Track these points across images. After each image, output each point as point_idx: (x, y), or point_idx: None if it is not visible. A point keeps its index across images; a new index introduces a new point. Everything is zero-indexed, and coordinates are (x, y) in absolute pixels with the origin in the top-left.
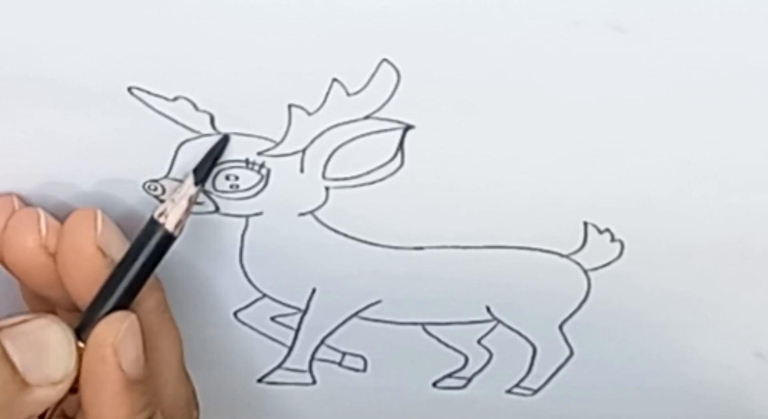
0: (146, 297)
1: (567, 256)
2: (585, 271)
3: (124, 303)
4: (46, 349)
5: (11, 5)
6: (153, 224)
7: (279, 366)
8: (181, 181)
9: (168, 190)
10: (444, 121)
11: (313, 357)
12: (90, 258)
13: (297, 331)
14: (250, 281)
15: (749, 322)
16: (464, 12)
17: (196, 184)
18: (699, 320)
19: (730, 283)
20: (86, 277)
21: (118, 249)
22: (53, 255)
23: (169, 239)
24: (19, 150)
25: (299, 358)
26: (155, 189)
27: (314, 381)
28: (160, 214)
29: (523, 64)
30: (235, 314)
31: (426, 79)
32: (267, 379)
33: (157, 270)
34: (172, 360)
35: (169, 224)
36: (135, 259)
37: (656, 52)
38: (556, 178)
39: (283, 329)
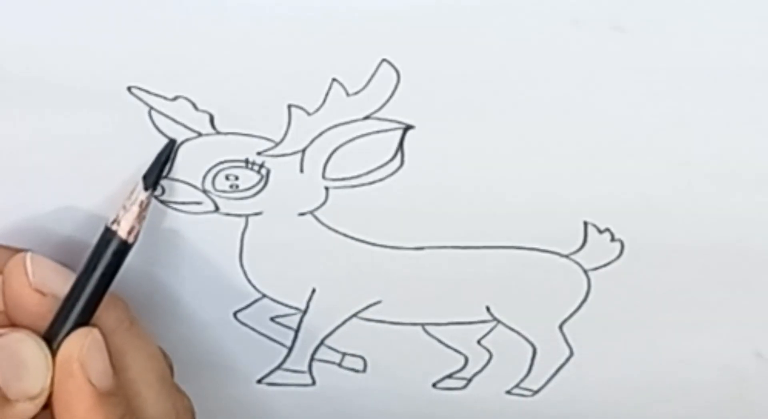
0: (104, 316)
1: (567, 256)
2: (585, 271)
3: (87, 317)
4: (24, 364)
5: (11, 5)
6: (107, 233)
7: (278, 367)
8: (181, 182)
9: (122, 198)
10: (444, 121)
11: (312, 358)
12: (30, 301)
13: (297, 332)
14: (249, 281)
15: (749, 322)
16: (464, 12)
17: (146, 189)
18: (699, 320)
19: (730, 283)
20: (35, 317)
21: (59, 282)
22: None
23: (124, 246)
24: (19, 150)
25: (299, 359)
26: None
27: (314, 382)
28: (113, 222)
29: (523, 64)
30: (234, 314)
31: (426, 79)
32: (266, 380)
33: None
34: (148, 377)
35: (122, 231)
36: (93, 270)
37: (656, 52)
38: (556, 177)
39: (283, 329)
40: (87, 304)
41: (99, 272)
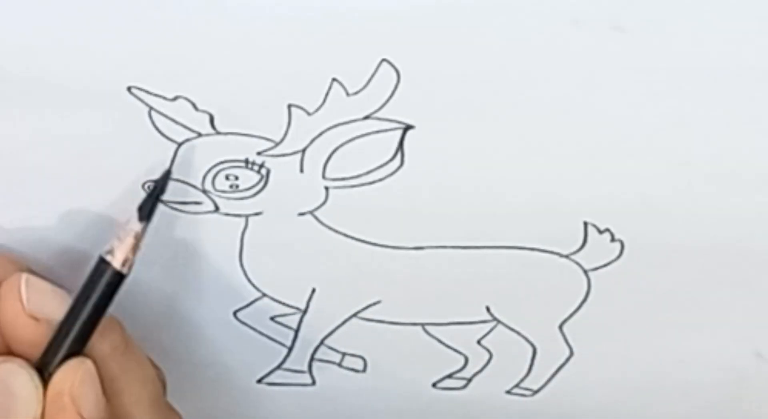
0: (99, 342)
1: (567, 256)
2: (585, 271)
3: (80, 345)
4: (15, 396)
5: (11, 5)
6: (102, 263)
7: (278, 367)
8: (181, 182)
9: (116, 228)
10: (444, 121)
11: (312, 358)
12: (25, 327)
13: (297, 331)
14: (249, 281)
15: (749, 322)
16: (464, 12)
17: (140, 220)
18: (699, 320)
19: (730, 283)
20: (29, 344)
21: (54, 307)
22: None
23: (118, 277)
24: (19, 150)
25: (299, 359)
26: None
27: (314, 382)
28: (107, 252)
29: (523, 64)
30: (234, 314)
31: (426, 79)
32: (266, 380)
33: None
34: (142, 400)
35: (116, 262)
36: (87, 300)
37: (656, 52)
38: (556, 177)
39: (283, 329)
40: (80, 333)
41: (93, 302)
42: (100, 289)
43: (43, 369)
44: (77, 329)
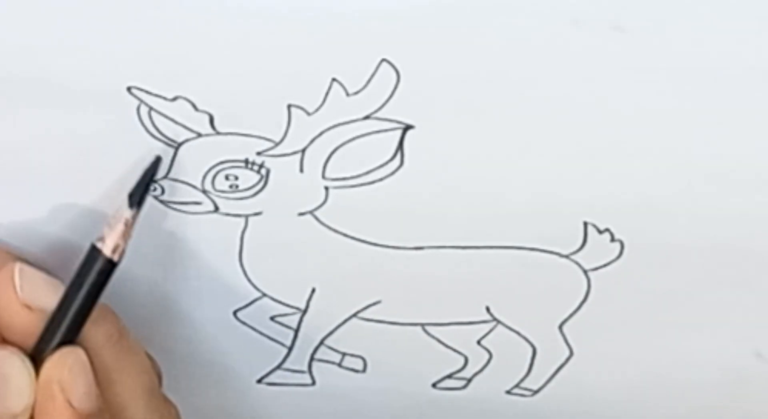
0: (93, 331)
1: (567, 256)
2: (585, 271)
3: (73, 334)
4: (7, 381)
5: (11, 5)
6: (93, 251)
7: (278, 367)
8: (180, 182)
9: (108, 216)
10: (443, 121)
11: (312, 358)
12: (18, 316)
13: (296, 331)
14: (249, 280)
15: (749, 322)
16: (464, 12)
17: (131, 207)
18: (699, 320)
19: (730, 283)
20: (22, 333)
21: (47, 297)
22: None
23: (110, 265)
24: (19, 150)
25: (299, 359)
26: (155, 189)
27: (314, 382)
28: (98, 240)
29: (523, 64)
30: (234, 313)
31: (426, 79)
32: (266, 380)
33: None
34: (136, 391)
35: (107, 249)
36: (79, 288)
37: (656, 52)
38: (556, 177)
39: (283, 329)
40: (73, 322)
41: (85, 290)
42: (91, 277)
43: (37, 358)
44: (70, 317)
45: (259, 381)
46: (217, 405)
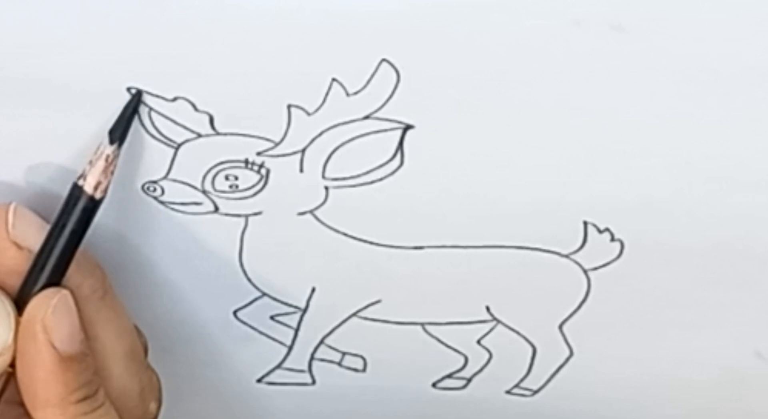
0: (77, 283)
1: (567, 256)
2: (585, 271)
3: (58, 276)
4: None
5: (11, 5)
6: (75, 189)
7: (278, 366)
8: (180, 182)
9: (89, 155)
10: (443, 121)
11: (312, 357)
12: (6, 252)
13: (296, 331)
14: (249, 280)
15: (749, 322)
16: (464, 12)
17: (111, 143)
18: (699, 320)
19: (730, 283)
20: (9, 272)
21: (39, 239)
22: None
23: (92, 203)
24: (19, 150)
25: (299, 358)
26: (154, 190)
27: (314, 381)
28: (80, 177)
29: (523, 64)
30: (234, 313)
31: (426, 79)
32: (266, 379)
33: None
34: (116, 350)
35: (88, 186)
36: (63, 228)
37: (656, 52)
38: (556, 177)
39: (283, 328)
40: (57, 263)
41: (68, 230)
42: (75, 216)
43: (22, 300)
44: (54, 258)
45: (259, 380)
46: (217, 404)
